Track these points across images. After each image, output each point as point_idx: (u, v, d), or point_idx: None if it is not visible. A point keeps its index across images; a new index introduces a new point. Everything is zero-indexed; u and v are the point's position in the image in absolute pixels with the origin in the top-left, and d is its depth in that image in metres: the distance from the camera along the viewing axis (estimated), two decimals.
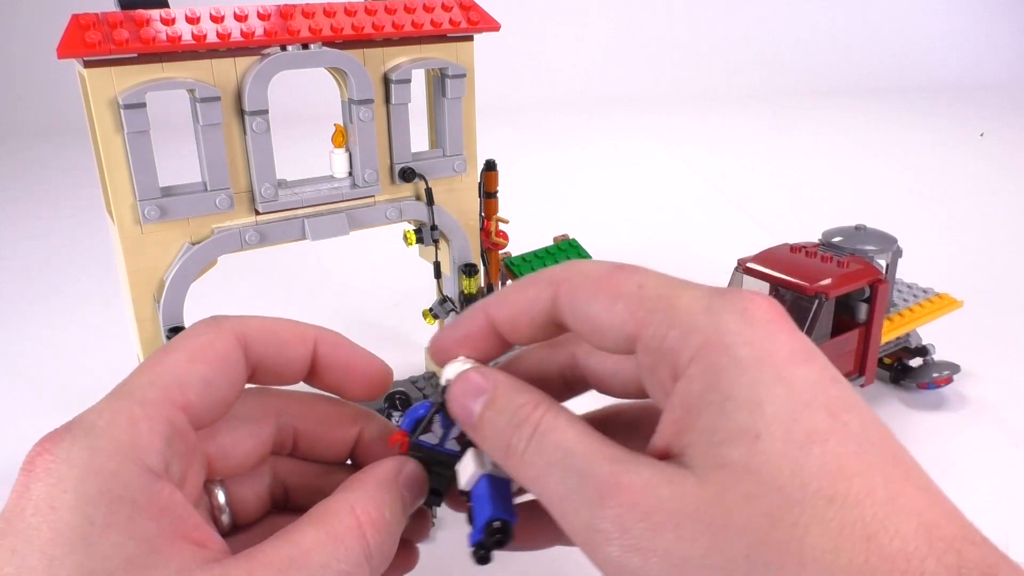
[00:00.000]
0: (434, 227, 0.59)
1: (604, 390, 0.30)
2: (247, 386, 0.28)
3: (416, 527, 0.29)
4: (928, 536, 0.21)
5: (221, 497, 0.27)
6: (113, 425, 0.23)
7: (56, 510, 0.21)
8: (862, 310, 0.60)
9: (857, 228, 0.64)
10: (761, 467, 0.22)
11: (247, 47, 0.49)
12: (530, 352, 0.31)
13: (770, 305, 0.25)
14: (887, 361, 0.67)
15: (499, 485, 0.32)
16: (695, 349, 0.24)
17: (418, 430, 0.30)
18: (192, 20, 0.47)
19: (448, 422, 0.31)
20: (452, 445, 0.31)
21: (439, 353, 0.29)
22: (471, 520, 0.31)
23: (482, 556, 0.32)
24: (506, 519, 0.31)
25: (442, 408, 0.30)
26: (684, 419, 0.24)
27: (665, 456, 0.24)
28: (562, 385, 0.31)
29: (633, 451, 0.25)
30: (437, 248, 0.61)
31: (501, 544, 0.32)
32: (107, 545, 0.21)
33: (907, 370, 0.66)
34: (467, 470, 0.30)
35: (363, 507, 0.25)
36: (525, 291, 0.28)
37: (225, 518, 0.27)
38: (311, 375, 0.28)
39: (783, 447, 0.22)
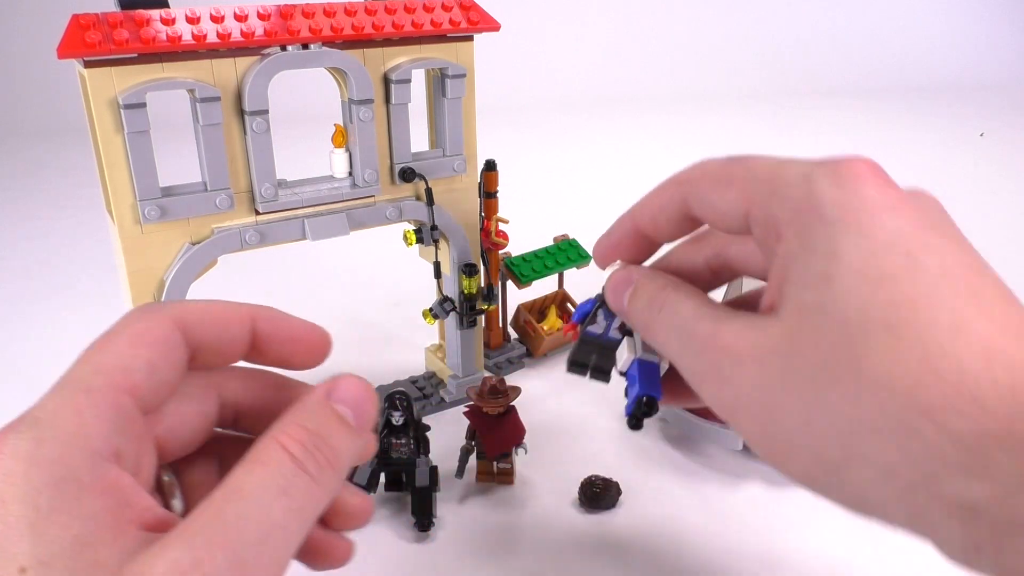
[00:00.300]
0: (434, 227, 0.59)
1: (749, 274, 0.34)
2: None
3: (344, 513, 0.28)
4: (988, 359, 0.23)
5: (167, 477, 0.27)
6: (57, 415, 0.24)
7: (5, 504, 0.21)
8: None
9: None
10: (830, 305, 0.25)
11: (247, 47, 0.49)
12: (677, 249, 0.36)
13: (862, 165, 0.27)
14: None
15: (649, 368, 0.38)
16: (791, 213, 0.27)
17: (586, 322, 0.38)
18: (192, 20, 0.47)
19: (610, 315, 0.39)
20: (615, 334, 0.38)
21: (600, 259, 0.37)
22: (628, 394, 0.38)
23: (634, 424, 0.38)
24: (652, 396, 0.37)
25: (603, 303, 0.38)
26: (781, 275, 0.27)
27: (770, 311, 0.28)
28: (710, 275, 0.35)
29: (736, 310, 0.29)
30: (437, 248, 0.61)
31: (648, 414, 0.38)
32: (55, 528, 0.21)
33: None
34: (623, 355, 0.37)
35: (282, 429, 0.25)
36: (660, 195, 0.33)
37: (177, 503, 0.26)
38: (253, 352, 0.28)
39: (854, 286, 0.25)
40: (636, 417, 0.38)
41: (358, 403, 0.26)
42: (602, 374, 0.39)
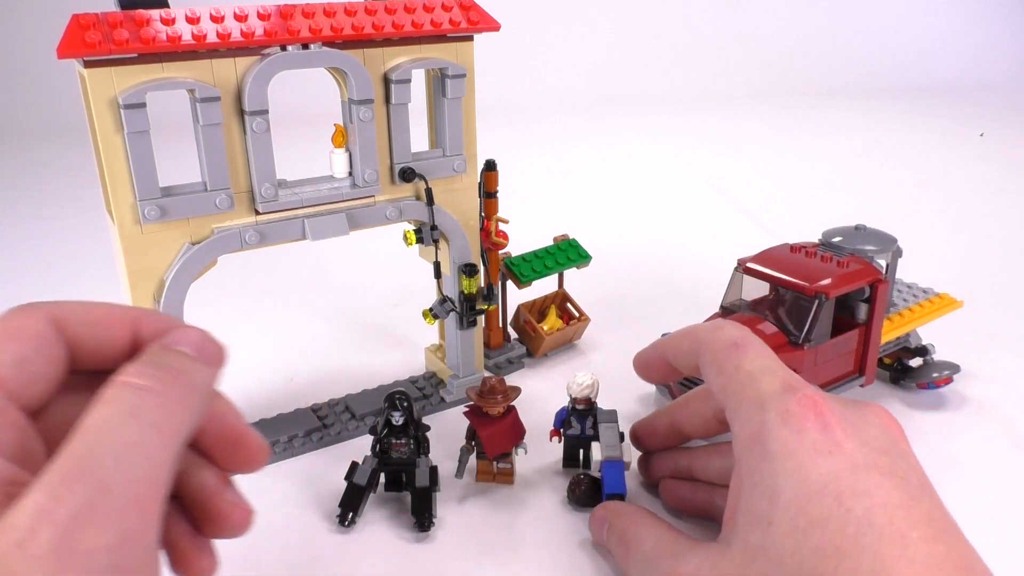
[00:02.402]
0: (434, 227, 0.59)
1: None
2: None
3: (207, 514, 0.28)
4: None
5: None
6: None
7: None
8: (862, 310, 0.60)
9: (857, 228, 0.64)
10: (770, 549, 0.29)
11: (247, 47, 0.49)
12: (692, 401, 0.46)
13: (810, 404, 0.31)
14: (887, 361, 0.67)
15: (614, 467, 0.51)
16: (745, 439, 0.32)
17: (564, 427, 0.55)
18: (192, 20, 0.47)
19: (581, 418, 0.54)
20: (590, 432, 0.54)
21: (638, 373, 0.51)
22: (603, 483, 0.51)
23: None
24: (620, 492, 0.50)
25: (574, 410, 0.54)
26: (732, 501, 0.32)
27: (729, 525, 0.32)
28: (717, 424, 0.43)
29: (694, 542, 0.35)
30: (437, 248, 0.61)
31: None
32: None
33: (907, 370, 0.66)
34: (594, 457, 0.54)
35: (123, 370, 0.25)
36: (681, 342, 0.42)
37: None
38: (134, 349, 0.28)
39: (789, 531, 0.28)
40: None
41: (198, 343, 0.27)
42: (575, 462, 0.56)
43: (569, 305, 0.76)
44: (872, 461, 0.29)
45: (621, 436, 0.53)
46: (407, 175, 0.57)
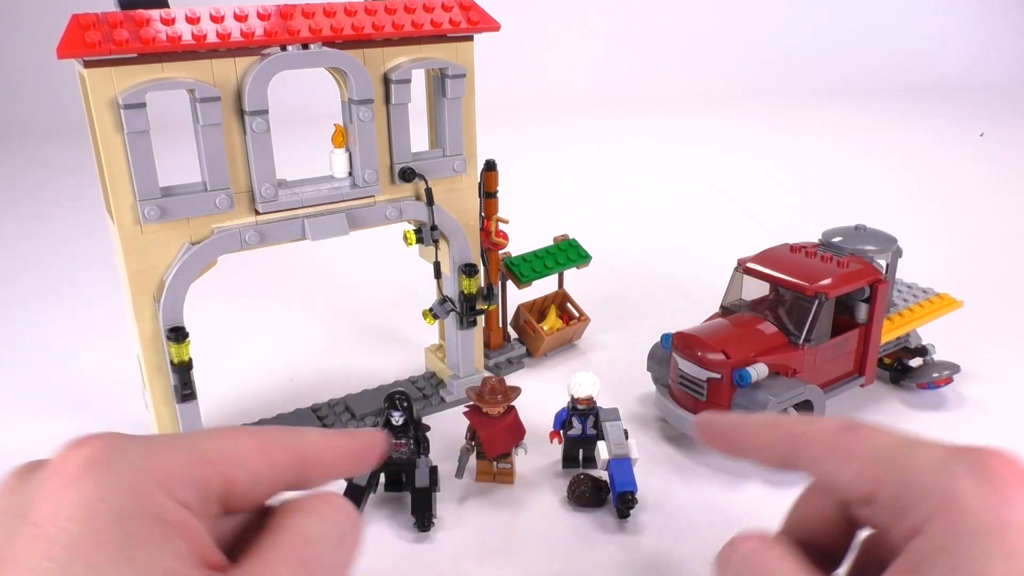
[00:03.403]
0: (434, 227, 0.59)
1: (872, 527, 0.32)
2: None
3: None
4: None
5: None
6: (162, 457, 0.24)
7: (96, 520, 0.21)
8: (862, 310, 0.60)
9: (857, 228, 0.64)
10: None
11: (247, 47, 0.49)
12: (806, 501, 0.35)
13: (1010, 465, 0.26)
14: (887, 361, 0.67)
15: (622, 464, 0.51)
16: (931, 509, 0.26)
17: (565, 428, 0.55)
18: (192, 20, 0.47)
19: (582, 419, 0.54)
20: (591, 432, 0.54)
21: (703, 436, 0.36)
22: (611, 484, 0.51)
23: (623, 515, 0.51)
24: (631, 490, 0.50)
25: (575, 410, 0.54)
26: (918, 569, 0.26)
27: None
28: (844, 520, 0.33)
29: None
30: (437, 248, 0.61)
31: (631, 506, 0.50)
32: (148, 558, 0.21)
33: (907, 370, 0.66)
34: (600, 456, 0.51)
35: (328, 493, 0.27)
36: (762, 434, 0.33)
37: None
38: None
39: None
40: (621, 510, 0.50)
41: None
42: (591, 461, 0.55)
43: (569, 305, 0.76)
44: None
45: (626, 433, 0.53)
46: (407, 175, 0.57)
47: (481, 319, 0.65)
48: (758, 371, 0.54)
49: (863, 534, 0.33)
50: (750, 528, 0.32)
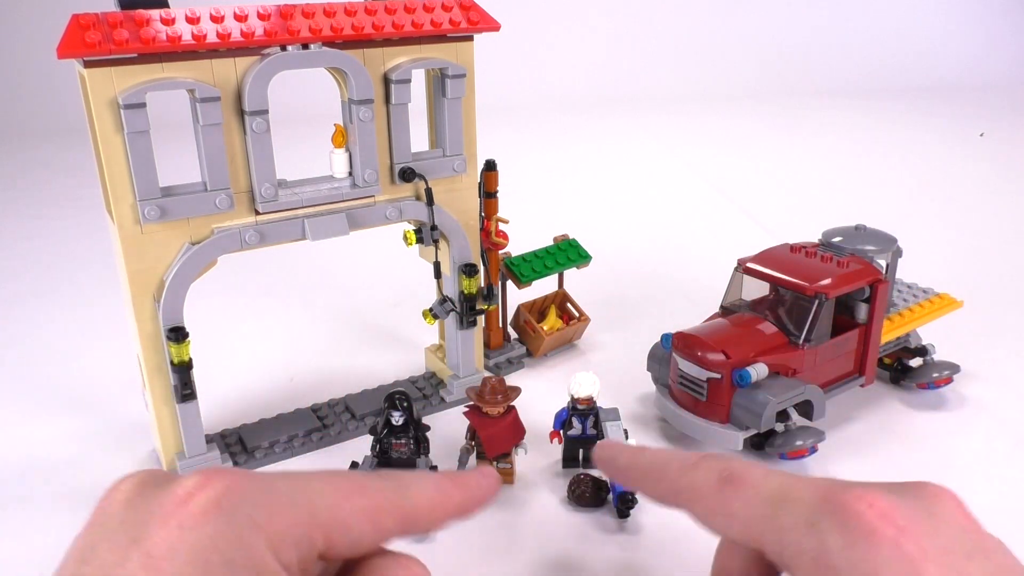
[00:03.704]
0: (434, 227, 0.59)
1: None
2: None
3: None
4: None
5: None
6: (277, 514, 0.25)
7: (208, 566, 0.22)
8: (862, 310, 0.60)
9: (857, 228, 0.64)
10: None
11: (247, 47, 0.49)
12: (721, 558, 0.35)
13: (870, 512, 0.26)
14: (887, 361, 0.67)
15: None
16: (808, 568, 0.26)
17: (565, 428, 0.55)
18: (192, 20, 0.47)
19: (582, 418, 0.54)
20: (591, 432, 0.54)
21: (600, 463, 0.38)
22: (612, 484, 0.51)
23: (622, 515, 0.51)
24: (631, 491, 0.49)
25: (575, 410, 0.54)
26: None
27: None
28: (766, 566, 0.33)
29: None
30: (437, 248, 0.61)
31: (631, 506, 0.50)
32: None
33: (907, 370, 0.66)
34: None
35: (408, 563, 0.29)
36: (654, 486, 0.34)
37: None
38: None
39: None
40: (621, 510, 0.50)
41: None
42: (591, 461, 0.54)
43: (569, 305, 0.76)
44: (961, 573, 0.25)
45: (626, 433, 0.53)
46: (407, 175, 0.57)
47: (481, 319, 0.65)
48: (758, 371, 0.54)
49: None
50: None
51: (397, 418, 0.51)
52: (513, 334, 0.74)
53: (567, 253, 0.74)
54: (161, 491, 0.24)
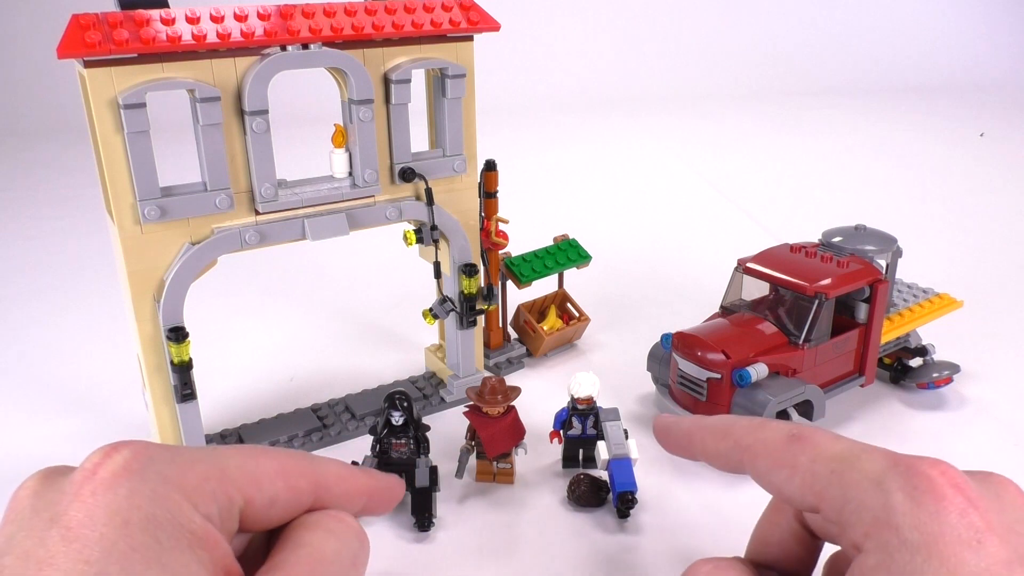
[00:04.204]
0: (434, 227, 0.59)
1: (830, 540, 0.32)
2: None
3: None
4: None
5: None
6: (188, 469, 0.25)
7: (129, 525, 0.22)
8: (862, 310, 0.60)
9: (857, 228, 0.64)
10: None
11: (247, 47, 0.49)
12: (766, 518, 0.36)
13: (940, 479, 0.26)
14: (887, 361, 0.67)
15: (622, 465, 0.50)
16: (868, 525, 0.26)
17: (565, 427, 0.54)
18: (192, 20, 0.47)
19: (582, 418, 0.54)
20: (591, 431, 0.54)
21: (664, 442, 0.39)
22: (612, 484, 0.50)
23: (622, 515, 0.50)
24: (631, 490, 0.49)
25: (575, 410, 0.54)
26: None
27: None
28: (807, 534, 0.33)
29: None
30: (437, 248, 0.61)
31: (631, 506, 0.50)
32: (178, 565, 0.22)
33: (907, 370, 0.66)
34: (600, 456, 0.51)
35: (336, 512, 0.29)
36: (715, 443, 0.34)
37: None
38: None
39: None
40: (621, 510, 0.50)
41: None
42: (591, 461, 0.55)
43: (569, 305, 0.76)
44: (1013, 554, 0.25)
45: (626, 433, 0.53)
46: (407, 175, 0.57)
47: (481, 319, 0.65)
48: (758, 371, 0.54)
49: (827, 552, 0.33)
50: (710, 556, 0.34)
51: (397, 418, 0.51)
52: (513, 334, 0.74)
53: (567, 253, 0.74)
54: (66, 473, 0.24)
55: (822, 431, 0.31)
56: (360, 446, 0.58)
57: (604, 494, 0.52)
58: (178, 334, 0.51)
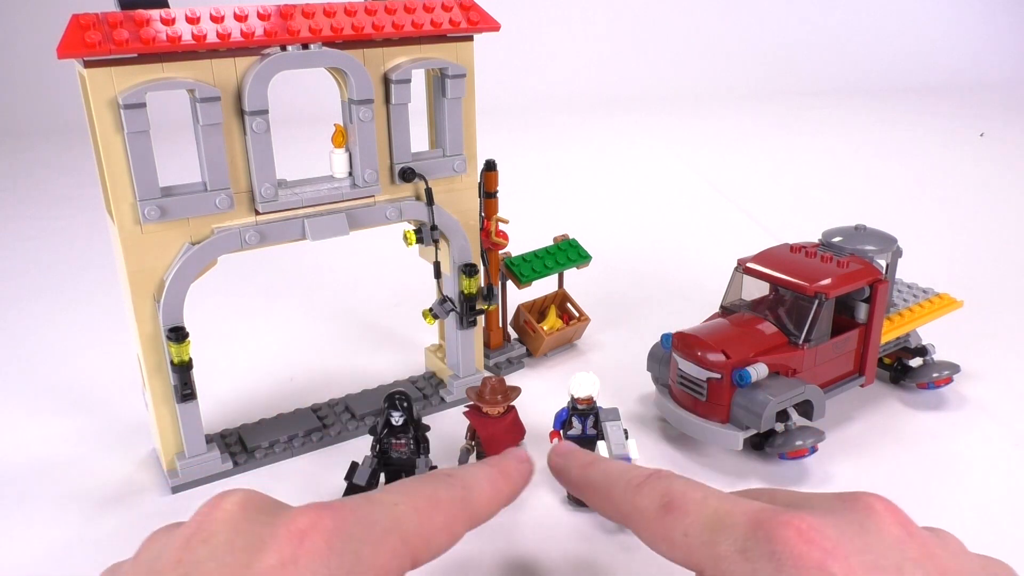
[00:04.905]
0: (434, 227, 0.59)
1: None
2: None
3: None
4: None
5: None
6: (379, 549, 0.27)
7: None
8: (862, 310, 0.60)
9: (857, 228, 0.64)
10: None
11: (247, 47, 0.49)
12: None
13: (797, 539, 0.26)
14: (887, 361, 0.67)
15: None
16: None
17: (565, 427, 0.54)
18: (192, 20, 0.47)
19: (582, 418, 0.53)
20: (591, 431, 0.53)
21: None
22: None
23: None
24: None
25: (575, 410, 0.53)
26: None
27: None
28: None
29: None
30: (437, 248, 0.61)
31: None
32: None
33: (907, 370, 0.66)
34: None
35: None
36: (601, 504, 0.37)
37: None
38: None
39: None
40: None
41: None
42: None
43: (569, 305, 0.76)
44: None
45: (626, 433, 0.53)
46: (407, 175, 0.57)
47: (481, 319, 0.65)
48: (758, 371, 0.54)
49: None
50: None
51: (397, 418, 0.51)
52: (513, 334, 0.74)
53: (567, 253, 0.74)
54: (270, 520, 0.25)
55: (692, 491, 0.31)
56: (360, 446, 0.58)
57: None
58: (178, 334, 0.51)
